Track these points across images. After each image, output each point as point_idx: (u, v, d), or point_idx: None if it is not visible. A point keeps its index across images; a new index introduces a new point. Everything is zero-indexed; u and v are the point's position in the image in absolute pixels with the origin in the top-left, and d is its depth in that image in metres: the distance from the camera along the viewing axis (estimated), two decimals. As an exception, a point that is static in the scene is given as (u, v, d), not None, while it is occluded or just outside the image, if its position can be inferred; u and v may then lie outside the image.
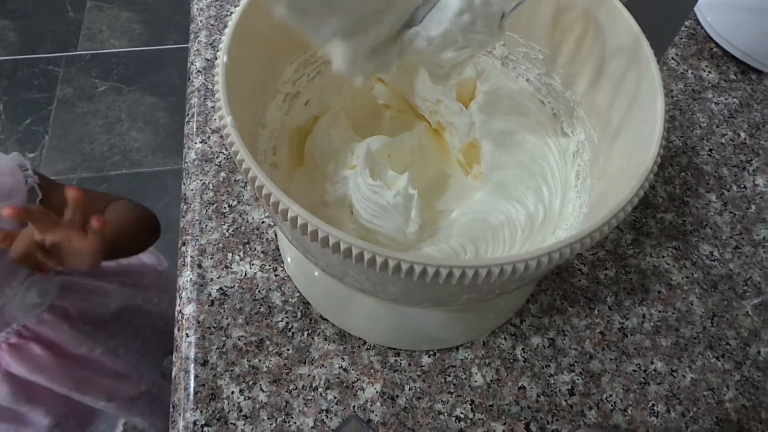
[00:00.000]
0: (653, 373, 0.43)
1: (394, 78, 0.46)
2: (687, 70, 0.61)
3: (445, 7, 0.28)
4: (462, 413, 0.41)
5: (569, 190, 0.42)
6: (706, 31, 0.63)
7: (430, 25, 0.28)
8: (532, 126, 0.44)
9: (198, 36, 0.59)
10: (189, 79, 0.56)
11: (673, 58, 0.61)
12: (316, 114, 0.44)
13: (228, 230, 0.47)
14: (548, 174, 0.42)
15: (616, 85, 0.39)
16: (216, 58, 0.57)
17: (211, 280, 0.45)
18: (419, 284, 0.29)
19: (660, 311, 0.46)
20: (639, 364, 0.44)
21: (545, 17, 0.41)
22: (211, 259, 0.46)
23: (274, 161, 0.40)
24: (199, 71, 0.56)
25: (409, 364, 0.43)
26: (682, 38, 0.63)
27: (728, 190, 0.53)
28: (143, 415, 0.75)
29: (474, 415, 0.41)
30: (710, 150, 0.55)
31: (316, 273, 0.44)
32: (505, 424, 0.41)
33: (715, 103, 0.58)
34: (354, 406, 0.41)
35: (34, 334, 0.59)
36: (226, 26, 0.62)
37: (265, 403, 0.40)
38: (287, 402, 0.41)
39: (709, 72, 0.61)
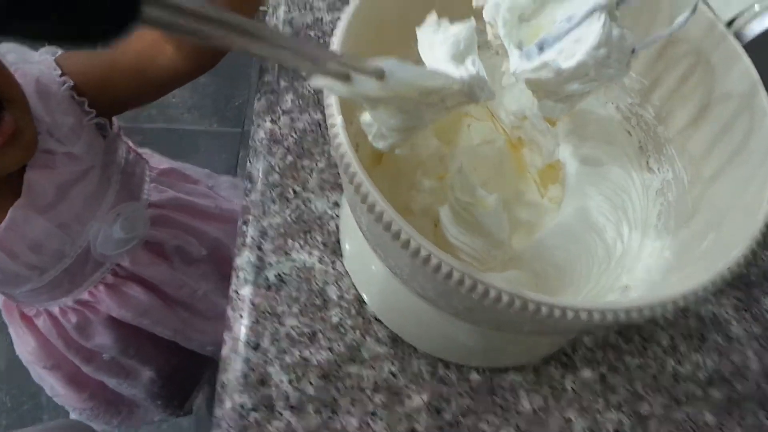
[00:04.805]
0: (702, 424, 0.43)
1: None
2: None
3: (581, 39, 0.27)
4: (505, 436, 0.41)
5: (649, 228, 0.40)
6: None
7: (559, 56, 0.27)
8: (618, 156, 0.43)
9: (276, 11, 0.58)
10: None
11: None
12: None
13: (290, 216, 0.47)
14: (629, 209, 0.41)
15: (719, 130, 0.37)
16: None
17: (270, 264, 0.45)
18: (488, 308, 0.28)
19: (715, 361, 0.45)
20: (688, 413, 0.43)
21: (650, 47, 0.40)
22: (271, 243, 0.45)
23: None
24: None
25: (458, 379, 0.42)
26: None
27: (798, 247, 0.51)
28: None
29: (517, 439, 0.41)
30: (784, 202, 0.54)
31: (373, 267, 0.43)
32: (547, 453, 0.40)
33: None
34: (400, 413, 0.40)
35: (131, 273, 0.56)
36: (305, 3, 0.61)
37: (313, 396, 0.40)
38: (334, 399, 0.40)
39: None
